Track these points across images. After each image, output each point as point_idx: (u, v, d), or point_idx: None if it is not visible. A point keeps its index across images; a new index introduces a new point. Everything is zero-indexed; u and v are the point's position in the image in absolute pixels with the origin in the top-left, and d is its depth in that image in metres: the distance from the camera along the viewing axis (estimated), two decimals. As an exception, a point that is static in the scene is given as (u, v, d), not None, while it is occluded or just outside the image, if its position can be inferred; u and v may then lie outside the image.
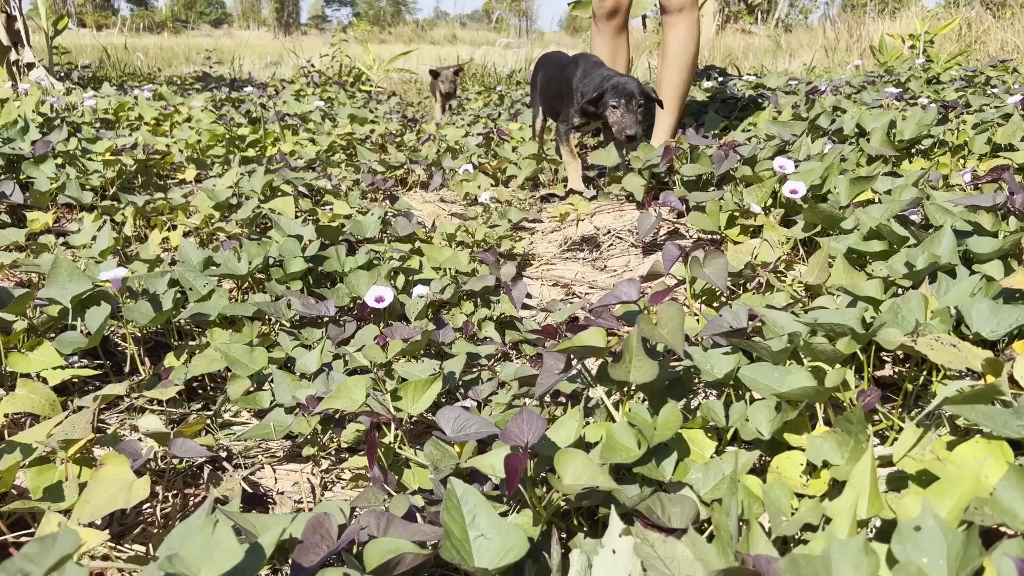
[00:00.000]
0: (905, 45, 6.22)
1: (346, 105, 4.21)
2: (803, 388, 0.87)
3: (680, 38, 2.56)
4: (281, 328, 1.41)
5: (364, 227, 1.77)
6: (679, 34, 2.55)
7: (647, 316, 0.92)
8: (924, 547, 0.65)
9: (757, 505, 0.80)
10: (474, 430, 0.94)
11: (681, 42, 2.56)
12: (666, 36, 2.59)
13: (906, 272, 1.17)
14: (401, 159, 2.76)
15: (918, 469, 0.78)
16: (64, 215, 2.14)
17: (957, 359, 0.87)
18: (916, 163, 2.32)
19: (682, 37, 2.55)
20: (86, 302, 1.31)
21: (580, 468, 0.79)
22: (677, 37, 2.56)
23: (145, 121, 3.27)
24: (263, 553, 0.65)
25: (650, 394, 0.97)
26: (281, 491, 1.08)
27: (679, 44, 2.56)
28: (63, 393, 1.27)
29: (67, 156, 2.34)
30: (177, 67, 9.10)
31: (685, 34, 2.55)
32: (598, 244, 2.04)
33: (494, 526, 0.74)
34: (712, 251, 1.19)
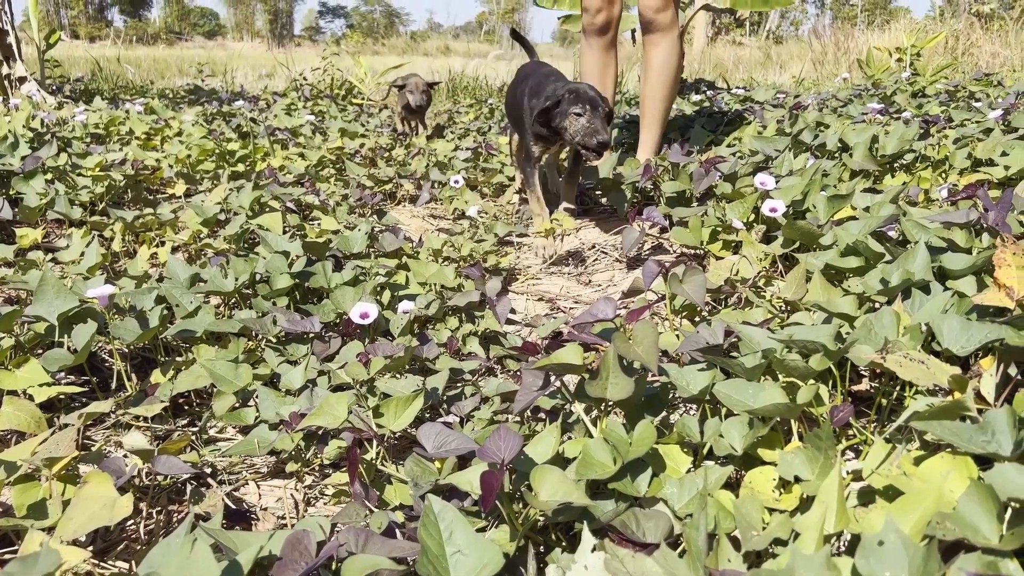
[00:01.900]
0: (892, 58, 6.28)
1: (337, 119, 4.23)
2: (775, 404, 0.89)
3: (662, 55, 2.58)
4: (267, 344, 1.42)
5: (351, 242, 1.79)
6: (661, 52, 2.58)
7: (623, 334, 0.94)
8: (887, 561, 0.66)
9: (729, 520, 0.82)
10: (454, 446, 0.95)
11: (664, 59, 2.58)
12: (648, 54, 2.61)
13: (881, 288, 1.20)
14: (390, 173, 2.78)
15: (885, 484, 0.80)
16: (53, 230, 2.16)
17: (925, 376, 0.89)
18: (898, 177, 2.35)
19: (664, 55, 2.58)
20: (73, 319, 1.32)
21: (556, 484, 0.81)
22: (659, 55, 2.58)
23: (136, 136, 3.28)
24: (240, 570, 0.66)
25: (627, 410, 0.99)
26: (265, 507, 1.09)
27: (662, 61, 2.59)
28: (50, 410, 1.28)
29: (57, 171, 2.35)
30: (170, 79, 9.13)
31: (667, 52, 2.58)
32: (583, 259, 2.06)
33: (471, 542, 0.76)
34: (691, 268, 1.21)
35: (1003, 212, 1.32)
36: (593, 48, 2.73)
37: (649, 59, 2.60)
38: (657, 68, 2.58)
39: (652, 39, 2.57)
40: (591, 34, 2.71)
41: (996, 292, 1.02)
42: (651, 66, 2.59)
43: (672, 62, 2.58)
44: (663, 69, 2.58)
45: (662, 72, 2.58)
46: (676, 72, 2.61)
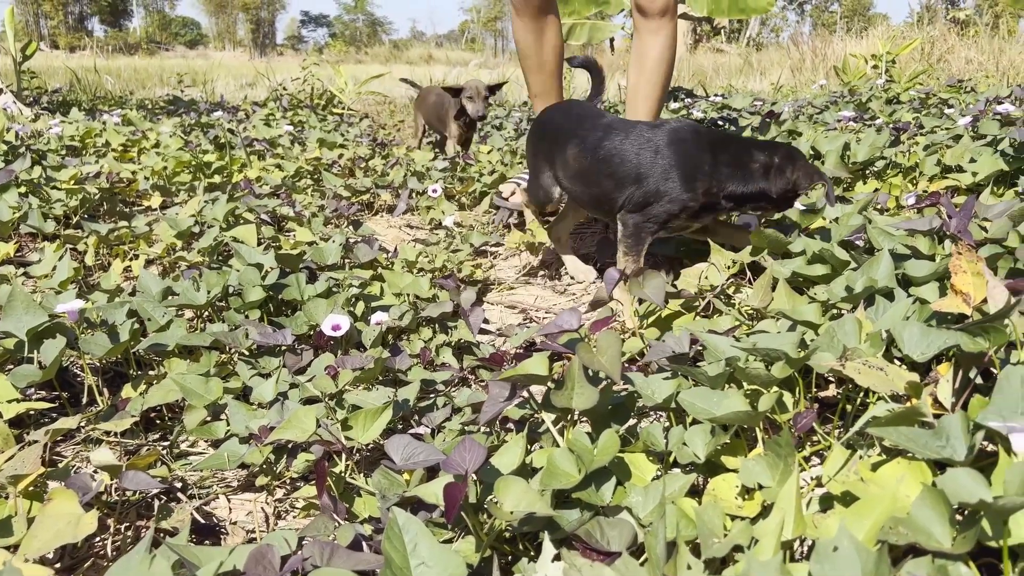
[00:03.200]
0: (868, 65, 6.36)
1: (316, 129, 4.23)
2: (736, 412, 0.90)
3: (661, 46, 2.19)
4: (239, 357, 1.42)
5: (325, 254, 1.79)
6: (660, 42, 2.18)
7: (587, 344, 0.95)
8: (840, 567, 0.68)
9: (691, 527, 0.83)
10: (422, 458, 0.96)
11: (662, 50, 2.19)
12: (643, 43, 2.20)
13: (845, 296, 1.21)
14: (368, 184, 2.78)
15: (843, 490, 0.81)
16: (26, 244, 2.14)
17: (883, 382, 0.90)
18: (870, 184, 2.39)
19: (663, 45, 2.19)
20: (42, 334, 1.31)
21: (520, 495, 0.81)
22: (658, 45, 2.19)
23: (112, 148, 3.27)
24: (201, 586, 0.67)
25: (593, 419, 1.00)
26: (234, 521, 1.09)
27: (659, 53, 2.19)
28: (19, 426, 1.28)
29: (31, 184, 2.34)
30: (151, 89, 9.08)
31: (666, 42, 2.19)
32: (557, 269, 2.07)
33: (435, 554, 0.76)
34: (649, 271, 1.23)
35: (965, 219, 1.34)
36: (523, 15, 2.33)
37: (644, 50, 2.21)
38: (655, 60, 2.20)
39: (651, 25, 2.18)
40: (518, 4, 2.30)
41: (954, 298, 1.04)
42: (647, 58, 2.20)
43: (670, 55, 2.23)
44: (661, 63, 2.21)
45: (660, 66, 2.21)
46: (671, 67, 2.27)
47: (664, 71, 2.23)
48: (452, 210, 2.55)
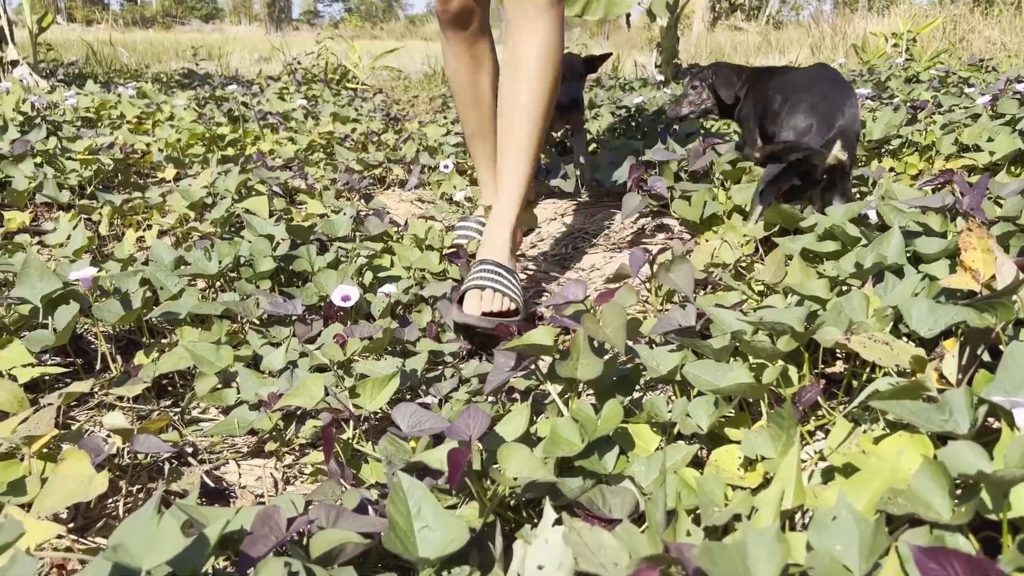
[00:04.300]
0: (888, 43, 6.28)
1: (330, 103, 4.23)
2: (739, 384, 0.90)
3: (535, 47, 1.55)
4: (250, 327, 1.43)
5: (336, 226, 1.80)
6: (534, 42, 1.55)
7: (592, 316, 0.95)
8: (838, 536, 0.68)
9: (692, 497, 0.83)
10: (428, 426, 0.97)
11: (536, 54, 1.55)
12: (513, 44, 1.58)
13: (854, 272, 1.21)
14: (380, 158, 2.78)
15: (844, 462, 0.82)
16: (42, 214, 2.16)
17: (888, 356, 0.90)
18: (885, 162, 2.37)
19: (537, 46, 1.55)
20: (56, 301, 1.33)
21: (522, 461, 0.82)
22: (531, 47, 1.55)
23: (127, 120, 3.28)
24: (207, 543, 0.68)
25: (598, 390, 1.01)
26: (243, 485, 1.11)
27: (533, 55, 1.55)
28: (35, 390, 1.30)
29: (46, 155, 2.36)
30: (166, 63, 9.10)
31: (546, 37, 1.55)
32: (567, 243, 2.07)
33: (438, 518, 0.77)
34: (678, 257, 1.22)
35: (978, 197, 1.33)
36: (453, 43, 1.84)
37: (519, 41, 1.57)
38: (533, 68, 1.55)
39: (524, 10, 1.55)
40: (446, 25, 1.81)
41: (963, 275, 1.03)
42: (522, 64, 1.56)
43: (554, 60, 1.57)
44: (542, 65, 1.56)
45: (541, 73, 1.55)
46: (556, 75, 1.59)
47: (547, 72, 1.57)
48: (463, 185, 2.55)
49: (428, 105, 5.16)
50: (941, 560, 0.57)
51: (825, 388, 1.14)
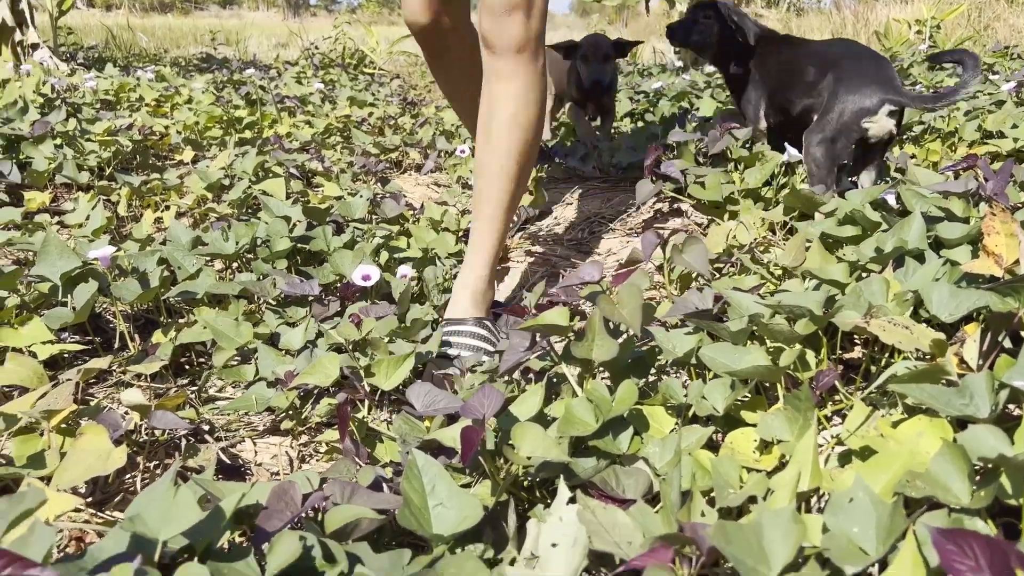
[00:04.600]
0: (912, 30, 6.18)
1: (347, 87, 4.23)
2: (756, 367, 0.90)
3: (510, 98, 1.38)
4: (267, 306, 1.44)
5: (352, 208, 1.80)
6: (513, 92, 1.38)
7: (608, 297, 0.95)
8: (855, 517, 0.68)
9: (706, 478, 0.83)
10: (442, 405, 0.97)
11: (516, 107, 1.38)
12: (490, 92, 1.40)
13: (874, 256, 1.20)
14: (396, 142, 2.78)
15: (862, 445, 0.81)
16: (61, 195, 2.18)
17: (908, 340, 0.89)
18: (907, 149, 2.34)
19: (517, 98, 1.38)
20: (75, 279, 1.34)
21: (536, 441, 0.82)
22: (506, 96, 1.38)
23: (146, 102, 3.30)
24: (223, 515, 0.69)
25: (613, 372, 1.00)
26: (259, 463, 1.12)
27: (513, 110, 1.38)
28: (54, 367, 1.31)
29: (66, 136, 2.37)
30: (185, 48, 9.13)
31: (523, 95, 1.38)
32: (583, 228, 2.06)
33: (453, 495, 0.77)
34: (690, 238, 1.21)
35: (1002, 182, 1.31)
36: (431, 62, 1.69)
37: (491, 101, 1.40)
38: (505, 122, 1.39)
39: (500, 67, 1.37)
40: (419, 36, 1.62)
41: (986, 260, 1.02)
42: (495, 115, 1.39)
43: (530, 116, 1.40)
44: (513, 126, 1.39)
45: (512, 130, 1.39)
46: (533, 135, 1.42)
47: (520, 139, 1.40)
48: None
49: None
50: (960, 542, 0.57)
51: (843, 374, 1.13)
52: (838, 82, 1.65)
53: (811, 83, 1.76)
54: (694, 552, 0.67)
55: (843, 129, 1.64)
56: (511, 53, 1.35)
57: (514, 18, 1.31)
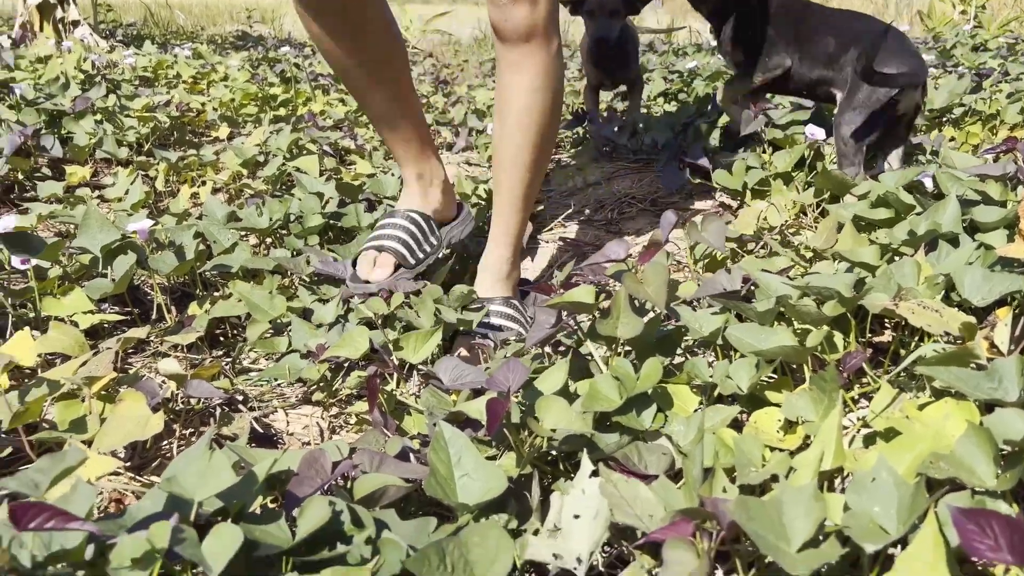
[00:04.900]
0: (956, 10, 6.03)
1: (380, 66, 4.24)
2: (783, 347, 0.90)
3: (525, 87, 1.34)
4: (300, 282, 1.47)
5: (384, 186, 1.82)
6: (524, 81, 1.33)
7: (633, 275, 0.95)
8: (877, 497, 0.68)
9: (729, 456, 0.84)
10: (469, 379, 0.98)
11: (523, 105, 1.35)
12: (504, 83, 1.36)
13: (906, 239, 1.18)
14: (428, 120, 2.79)
15: (887, 427, 0.81)
16: (101, 169, 2.23)
17: (938, 323, 0.89)
18: (946, 132, 2.29)
19: (528, 85, 1.33)
20: (115, 251, 1.38)
21: (560, 414, 0.83)
22: (517, 95, 1.34)
23: (183, 79, 3.34)
24: (256, 479, 0.71)
25: (639, 350, 1.01)
26: (291, 432, 1.15)
27: (526, 99, 1.34)
28: (94, 337, 1.35)
29: (105, 112, 2.42)
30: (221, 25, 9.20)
31: (534, 81, 1.33)
32: (613, 208, 2.06)
33: (478, 467, 0.79)
34: (709, 215, 1.21)
35: (1042, 165, 1.29)
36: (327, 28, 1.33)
37: (505, 93, 1.37)
38: (519, 110, 1.35)
39: (506, 57, 1.33)
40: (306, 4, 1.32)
41: (1021, 244, 1.00)
42: (508, 105, 1.36)
43: (545, 101, 1.35)
44: (530, 112, 1.35)
45: (528, 116, 1.35)
46: (551, 119, 1.38)
47: (534, 129, 1.36)
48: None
49: (478, 69, 5.14)
50: (980, 521, 0.57)
51: (872, 357, 1.13)
52: (864, 57, 1.64)
53: (831, 55, 1.77)
54: (714, 527, 0.67)
55: (875, 105, 1.63)
56: (520, 42, 1.31)
57: (519, 6, 1.26)
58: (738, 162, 1.81)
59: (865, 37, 1.68)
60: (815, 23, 1.85)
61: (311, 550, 0.68)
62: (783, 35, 1.88)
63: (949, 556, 0.61)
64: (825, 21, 1.84)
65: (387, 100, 1.43)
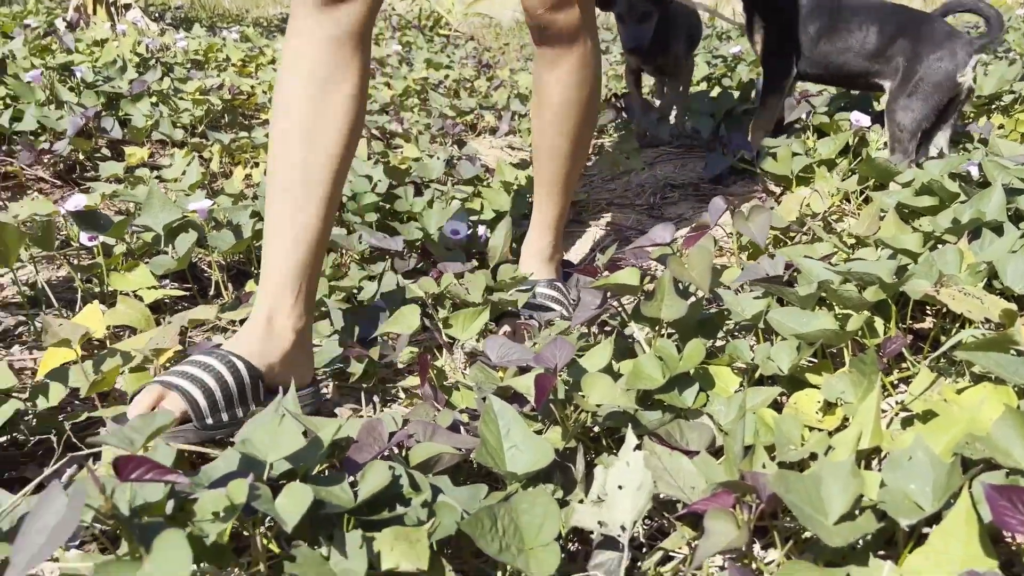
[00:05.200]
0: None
1: (423, 49, 4.28)
2: (823, 330, 0.92)
3: (557, 92, 1.35)
4: (352, 260, 1.52)
5: (430, 169, 1.86)
6: (556, 86, 1.35)
7: (678, 258, 0.98)
8: (912, 474, 0.71)
9: (769, 435, 0.87)
10: (516, 357, 1.02)
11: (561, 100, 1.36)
12: (541, 81, 1.37)
13: (950, 227, 1.19)
14: (472, 105, 2.83)
15: (924, 409, 0.83)
16: (157, 150, 2.31)
17: (978, 309, 0.90)
18: (995, 119, 2.27)
19: (560, 92, 1.35)
20: (176, 230, 1.44)
21: (604, 390, 0.87)
22: (554, 90, 1.35)
23: (232, 62, 3.42)
24: (321, 444, 0.76)
25: (681, 332, 1.04)
26: (340, 405, 1.20)
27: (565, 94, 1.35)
28: (157, 311, 1.42)
29: (160, 95, 2.50)
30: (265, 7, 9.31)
31: (571, 78, 1.34)
32: (655, 193, 2.08)
33: (526, 439, 0.83)
34: (757, 206, 1.23)
35: (1091, 154, 1.28)
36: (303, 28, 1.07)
37: (543, 88, 1.37)
38: (558, 104, 1.36)
39: (542, 54, 1.34)
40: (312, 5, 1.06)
41: (1066, 233, 1.01)
42: (546, 99, 1.37)
43: (582, 93, 1.36)
44: (569, 106, 1.37)
45: (566, 109, 1.37)
46: (589, 107, 1.38)
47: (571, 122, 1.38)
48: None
49: (519, 53, 5.15)
50: (1012, 497, 0.59)
51: (912, 344, 1.15)
52: (918, 44, 1.65)
53: (877, 49, 1.77)
54: (754, 500, 0.71)
55: (935, 89, 1.64)
56: (556, 42, 1.31)
57: (554, 14, 1.26)
58: (782, 148, 1.82)
59: (911, 27, 1.68)
60: (852, 15, 1.84)
61: (372, 511, 0.72)
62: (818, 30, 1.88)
63: (982, 532, 0.64)
64: (864, 13, 1.84)
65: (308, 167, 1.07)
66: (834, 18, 1.86)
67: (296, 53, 1.07)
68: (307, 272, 1.08)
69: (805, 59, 1.92)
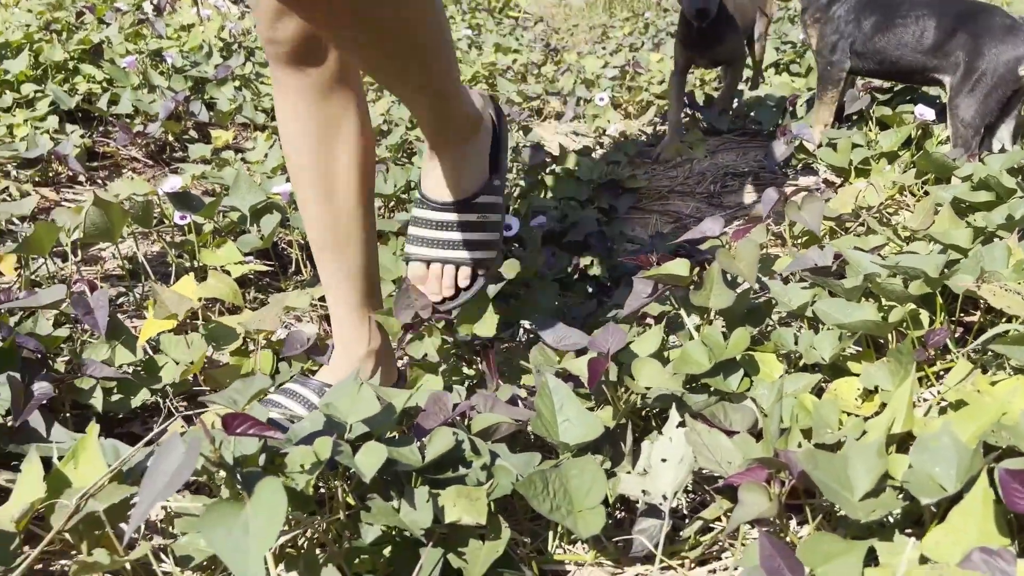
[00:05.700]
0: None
1: (492, 33, 4.35)
2: (864, 321, 0.97)
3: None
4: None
5: (497, 156, 1.93)
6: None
7: (726, 250, 1.04)
8: (938, 457, 0.75)
9: (808, 419, 0.92)
10: (571, 341, 1.10)
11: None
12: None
13: (1003, 223, 1.21)
14: (538, 90, 2.89)
15: (957, 398, 0.88)
16: (240, 133, 2.44)
17: (1018, 305, 0.94)
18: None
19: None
20: (261, 211, 1.56)
21: (653, 373, 0.94)
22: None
23: (309, 47, 3.55)
24: (394, 410, 0.85)
25: (729, 320, 1.10)
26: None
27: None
28: (242, 286, 1.54)
29: (243, 79, 2.63)
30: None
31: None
32: (715, 181, 2.11)
33: (578, 413, 0.90)
34: (810, 196, 1.27)
35: None
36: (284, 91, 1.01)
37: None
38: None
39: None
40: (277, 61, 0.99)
41: (1116, 232, 1.03)
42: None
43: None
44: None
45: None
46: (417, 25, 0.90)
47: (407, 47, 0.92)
48: (617, 119, 2.61)
49: (588, 35, 5.17)
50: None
51: (961, 336, 1.18)
52: (979, 38, 1.64)
53: (934, 44, 1.76)
54: (786, 476, 0.77)
55: (999, 83, 1.64)
56: None
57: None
58: (843, 140, 1.84)
59: (970, 19, 1.67)
60: (908, 9, 1.84)
61: (437, 471, 0.81)
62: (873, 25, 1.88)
63: (998, 512, 0.69)
64: (920, 6, 1.83)
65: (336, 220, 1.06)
66: (889, 13, 1.85)
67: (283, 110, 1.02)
68: (367, 300, 1.10)
69: (859, 55, 1.92)
